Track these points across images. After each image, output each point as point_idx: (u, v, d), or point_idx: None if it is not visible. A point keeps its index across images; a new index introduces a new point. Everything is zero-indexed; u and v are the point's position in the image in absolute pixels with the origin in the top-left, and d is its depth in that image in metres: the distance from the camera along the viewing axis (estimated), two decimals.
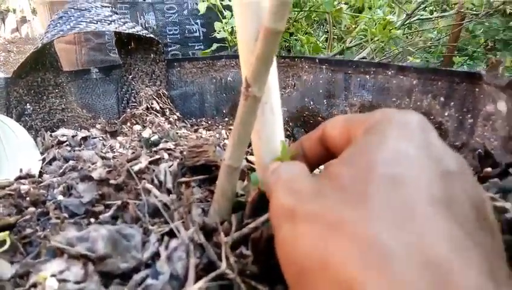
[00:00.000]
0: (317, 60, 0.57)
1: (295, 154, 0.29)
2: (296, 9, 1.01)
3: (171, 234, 0.27)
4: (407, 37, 1.21)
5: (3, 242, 0.27)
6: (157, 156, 0.39)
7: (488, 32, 1.95)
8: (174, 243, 0.25)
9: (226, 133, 0.58)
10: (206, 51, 1.24)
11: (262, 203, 0.31)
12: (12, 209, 0.32)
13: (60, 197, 0.33)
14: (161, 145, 0.45)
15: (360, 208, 0.17)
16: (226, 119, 0.63)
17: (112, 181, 0.34)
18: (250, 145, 0.31)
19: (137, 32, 0.54)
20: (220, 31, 1.08)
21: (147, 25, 1.33)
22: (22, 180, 0.38)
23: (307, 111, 0.60)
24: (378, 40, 0.86)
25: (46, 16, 1.38)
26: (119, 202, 0.30)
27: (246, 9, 0.28)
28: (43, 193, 0.33)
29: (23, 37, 4.96)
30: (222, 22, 1.08)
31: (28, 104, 0.52)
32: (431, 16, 1.09)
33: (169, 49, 1.37)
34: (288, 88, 0.60)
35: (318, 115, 0.59)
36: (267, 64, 0.27)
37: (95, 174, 0.34)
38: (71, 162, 0.41)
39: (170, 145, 0.45)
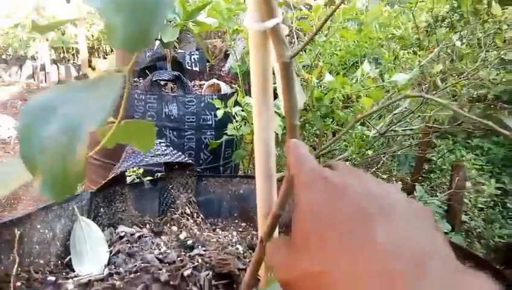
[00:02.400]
0: None
1: None
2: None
3: None
4: (382, 146, 1.48)
5: None
6: (196, 263, 0.61)
7: (469, 120, 2.23)
8: None
9: (236, 234, 0.81)
10: (217, 141, 1.50)
11: None
12: None
13: None
14: (196, 251, 0.67)
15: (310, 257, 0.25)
16: (236, 221, 0.86)
17: (171, 282, 0.56)
18: None
19: (182, 160, 0.78)
20: (231, 130, 1.34)
21: (169, 113, 1.59)
22: (114, 276, 0.59)
23: None
24: (354, 155, 1.11)
25: None
26: None
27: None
28: (131, 289, 0.55)
29: (38, 86, 5.29)
30: (233, 123, 1.34)
31: (101, 209, 0.75)
32: (400, 131, 1.36)
33: (186, 133, 1.63)
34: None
35: None
36: (273, 230, 0.50)
37: (162, 278, 0.56)
38: (139, 262, 0.63)
39: (201, 250, 0.68)
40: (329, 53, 1.45)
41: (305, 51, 1.54)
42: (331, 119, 1.30)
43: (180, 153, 0.81)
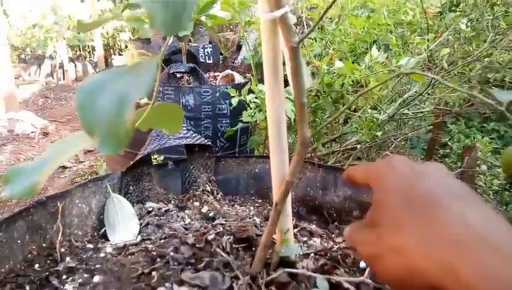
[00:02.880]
0: (316, 165, 0.88)
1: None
2: None
3: (236, 277, 0.55)
4: (394, 129, 1.52)
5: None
6: (218, 230, 0.68)
7: (485, 103, 2.23)
8: (240, 282, 0.53)
9: (253, 209, 0.87)
10: (233, 129, 1.56)
11: (279, 265, 0.60)
12: (148, 259, 0.61)
13: (172, 253, 0.61)
14: (217, 221, 0.74)
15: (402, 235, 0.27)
16: (253, 198, 0.93)
17: (197, 245, 0.63)
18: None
19: (202, 142, 0.85)
20: (246, 117, 1.40)
21: (186, 104, 1.66)
22: (146, 241, 0.67)
23: (308, 196, 0.89)
24: (364, 137, 1.17)
25: None
26: (208, 259, 0.59)
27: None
28: (163, 250, 0.62)
29: (57, 84, 5.45)
30: (247, 111, 1.40)
31: (130, 187, 0.82)
32: (411, 114, 1.40)
33: (203, 122, 1.70)
34: (297, 180, 0.90)
35: (316, 200, 0.88)
36: (286, 195, 0.57)
37: (189, 241, 0.63)
38: (168, 230, 0.70)
39: (222, 221, 0.75)
40: (339, 41, 1.49)
41: (316, 40, 1.59)
42: (342, 105, 1.35)
43: (199, 136, 0.87)
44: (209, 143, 0.89)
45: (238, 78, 1.80)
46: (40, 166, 0.39)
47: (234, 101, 1.36)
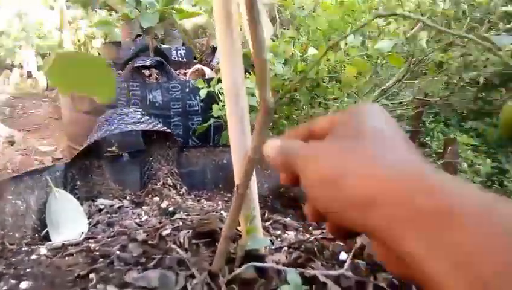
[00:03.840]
0: None
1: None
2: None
3: (192, 276, 0.46)
4: None
5: None
6: (176, 225, 0.58)
7: (461, 102, 2.20)
8: (195, 281, 0.44)
9: (221, 203, 0.78)
10: (204, 125, 1.47)
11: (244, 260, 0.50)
12: (88, 260, 0.50)
13: (118, 252, 0.51)
14: (177, 216, 0.64)
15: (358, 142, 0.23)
16: (222, 192, 0.84)
17: (149, 242, 0.53)
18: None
19: (159, 128, 0.75)
20: (216, 111, 1.31)
21: (153, 100, 1.56)
22: (89, 240, 0.57)
23: (282, 187, 0.80)
24: None
25: None
26: (159, 256, 0.49)
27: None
28: (107, 249, 0.52)
29: (27, 93, 5.22)
30: (218, 104, 1.31)
31: (78, 181, 0.72)
32: (390, 105, 1.34)
33: (172, 120, 1.60)
34: (269, 170, 0.81)
35: (291, 192, 0.79)
36: (250, 175, 0.48)
37: (139, 238, 0.53)
38: (117, 228, 0.60)
39: (183, 215, 0.65)
40: (313, 30, 1.43)
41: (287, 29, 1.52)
42: (316, 96, 1.28)
43: (157, 122, 0.78)
44: (169, 130, 0.79)
45: (209, 74, 1.71)
46: None
47: (203, 93, 1.26)
